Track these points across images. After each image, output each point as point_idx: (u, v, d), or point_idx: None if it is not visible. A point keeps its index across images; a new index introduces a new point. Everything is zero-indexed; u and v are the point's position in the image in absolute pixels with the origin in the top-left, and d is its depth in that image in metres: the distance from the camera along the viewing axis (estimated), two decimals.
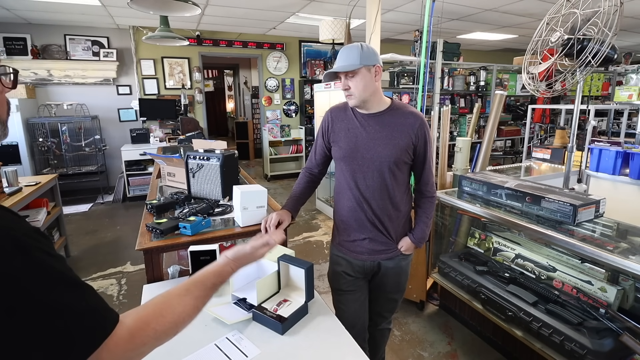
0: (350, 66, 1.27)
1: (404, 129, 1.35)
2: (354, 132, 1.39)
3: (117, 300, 2.71)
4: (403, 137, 1.35)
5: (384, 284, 1.52)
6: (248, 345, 1.00)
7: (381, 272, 1.49)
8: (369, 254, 1.45)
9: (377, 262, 1.46)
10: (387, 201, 1.40)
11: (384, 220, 1.41)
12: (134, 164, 5.11)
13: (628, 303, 1.64)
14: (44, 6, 4.15)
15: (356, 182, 1.39)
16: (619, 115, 5.32)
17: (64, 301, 0.52)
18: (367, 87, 1.30)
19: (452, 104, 5.70)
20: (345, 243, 1.48)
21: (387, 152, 1.34)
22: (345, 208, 1.45)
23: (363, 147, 1.36)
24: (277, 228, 1.40)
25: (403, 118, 1.36)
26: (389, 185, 1.38)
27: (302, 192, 1.54)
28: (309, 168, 1.58)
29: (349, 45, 1.31)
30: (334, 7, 4.40)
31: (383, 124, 1.36)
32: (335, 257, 1.53)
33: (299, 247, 3.64)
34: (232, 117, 11.11)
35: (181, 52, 5.73)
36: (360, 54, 1.27)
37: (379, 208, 1.39)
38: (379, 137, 1.35)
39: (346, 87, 1.31)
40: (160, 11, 2.88)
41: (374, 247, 1.44)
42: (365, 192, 1.39)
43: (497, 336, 2.06)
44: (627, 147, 2.70)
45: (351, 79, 1.29)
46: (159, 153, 2.94)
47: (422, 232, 1.47)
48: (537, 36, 2.13)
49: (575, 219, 1.71)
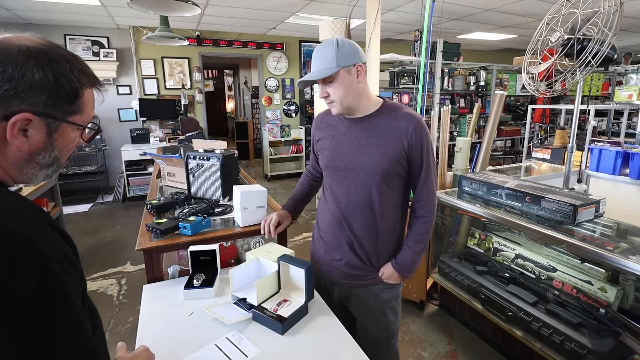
0: (325, 71, 1.08)
1: (395, 135, 1.14)
2: (338, 139, 1.22)
3: (117, 300, 2.71)
4: (393, 145, 1.14)
5: (366, 322, 1.29)
6: (248, 345, 1.00)
7: (358, 303, 1.29)
8: (343, 277, 1.27)
9: (351, 289, 1.28)
10: (372, 221, 1.20)
11: (365, 243, 1.22)
12: (134, 164, 5.11)
13: (628, 303, 1.64)
14: (44, 6, 4.15)
15: (338, 195, 1.23)
16: (619, 115, 5.32)
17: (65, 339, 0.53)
18: (348, 91, 1.11)
19: (452, 104, 5.70)
20: (321, 259, 1.33)
21: (373, 163, 1.15)
22: (324, 222, 1.30)
23: (346, 157, 1.19)
24: (276, 228, 1.39)
25: (394, 121, 1.15)
26: (374, 202, 1.18)
27: (303, 193, 1.50)
28: (309, 171, 1.50)
29: (323, 44, 1.10)
30: (334, 7, 4.40)
31: (370, 130, 1.17)
32: (319, 270, 1.37)
33: (299, 247, 3.64)
34: (232, 117, 11.11)
35: (181, 52, 5.73)
36: (336, 54, 1.07)
37: (361, 228, 1.21)
38: (365, 145, 1.16)
39: (325, 94, 1.13)
40: (160, 11, 2.88)
41: (350, 271, 1.26)
42: (346, 209, 1.21)
43: (497, 336, 2.06)
44: (627, 147, 2.70)
45: (329, 84, 1.11)
46: (159, 153, 2.94)
47: (406, 257, 1.22)
48: (537, 36, 2.13)
49: (575, 219, 1.71)
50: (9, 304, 0.47)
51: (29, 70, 0.54)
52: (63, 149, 0.63)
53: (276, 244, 1.39)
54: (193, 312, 1.15)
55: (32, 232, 0.52)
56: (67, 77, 0.58)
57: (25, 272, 0.49)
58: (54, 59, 0.57)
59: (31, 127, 0.57)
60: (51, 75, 0.56)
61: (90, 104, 0.65)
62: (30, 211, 0.56)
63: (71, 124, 0.62)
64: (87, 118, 0.65)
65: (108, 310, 2.53)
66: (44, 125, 0.58)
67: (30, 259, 0.50)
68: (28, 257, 0.50)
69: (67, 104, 0.60)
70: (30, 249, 0.50)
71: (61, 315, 0.52)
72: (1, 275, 0.47)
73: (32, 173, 0.62)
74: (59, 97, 0.58)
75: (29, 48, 0.56)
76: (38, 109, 0.56)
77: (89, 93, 0.64)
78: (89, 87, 0.64)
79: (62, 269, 0.53)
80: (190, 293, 1.22)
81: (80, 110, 0.62)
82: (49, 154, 0.61)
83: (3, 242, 0.49)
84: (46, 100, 0.56)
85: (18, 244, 0.50)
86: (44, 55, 0.57)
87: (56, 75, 0.57)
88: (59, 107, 0.58)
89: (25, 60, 0.54)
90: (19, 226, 0.51)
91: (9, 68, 0.53)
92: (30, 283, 0.49)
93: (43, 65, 0.56)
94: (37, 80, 0.55)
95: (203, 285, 1.25)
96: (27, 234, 0.51)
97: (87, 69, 0.64)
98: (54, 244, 0.54)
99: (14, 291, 0.48)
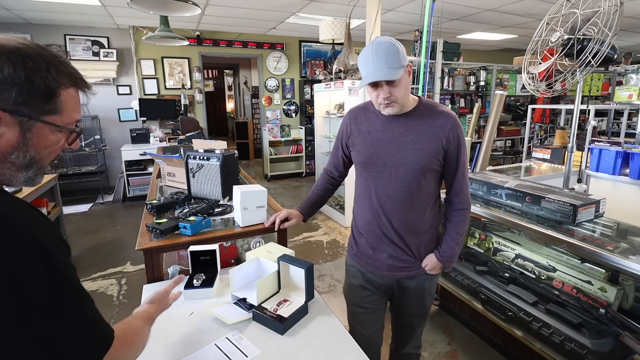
0: (396, 72, 1.08)
1: (433, 132, 1.18)
2: (375, 135, 1.24)
3: (117, 300, 2.71)
4: (432, 141, 1.18)
5: (404, 305, 1.38)
6: (248, 345, 1.00)
7: (400, 291, 1.35)
8: (388, 269, 1.30)
9: (397, 279, 1.32)
10: (411, 214, 1.24)
11: (404, 235, 1.26)
12: (134, 164, 5.11)
13: (628, 303, 1.64)
14: (44, 6, 4.15)
15: (376, 191, 1.25)
16: (619, 115, 5.32)
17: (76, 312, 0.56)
18: (407, 91, 1.15)
19: (452, 104, 5.70)
20: (362, 255, 1.35)
21: (412, 159, 1.18)
22: (362, 219, 1.33)
23: (384, 153, 1.22)
24: (283, 223, 1.42)
25: (432, 119, 1.19)
26: (413, 197, 1.22)
27: (317, 195, 1.48)
28: (328, 170, 1.48)
29: (385, 45, 1.09)
30: (334, 7, 4.40)
31: (408, 126, 1.20)
32: (351, 268, 1.41)
33: (299, 247, 3.64)
34: (232, 117, 11.11)
35: (181, 52, 5.73)
36: (400, 55, 1.09)
37: (400, 222, 1.24)
38: (404, 142, 1.19)
39: (387, 95, 1.13)
40: (160, 11, 2.89)
41: (394, 263, 1.29)
42: (385, 204, 1.24)
43: (497, 336, 2.06)
44: (627, 147, 2.70)
45: (394, 85, 1.11)
46: (159, 153, 2.94)
47: (450, 249, 1.27)
48: (537, 36, 2.13)
49: (575, 219, 1.71)
50: (17, 286, 0.50)
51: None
52: (41, 150, 0.61)
53: (276, 244, 1.39)
54: (193, 312, 1.15)
55: (24, 217, 0.54)
56: (41, 75, 0.57)
57: (24, 255, 0.51)
58: (28, 56, 0.57)
59: (2, 125, 0.56)
60: (22, 72, 0.55)
61: (71, 104, 0.63)
62: (16, 201, 0.57)
63: (47, 123, 0.60)
64: (67, 119, 0.63)
65: (108, 310, 2.53)
66: (15, 123, 0.57)
67: (27, 242, 0.52)
68: (25, 240, 0.52)
69: (41, 102, 0.58)
70: (25, 233, 0.52)
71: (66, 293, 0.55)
72: (7, 261, 0.49)
73: (10, 174, 0.60)
74: (30, 94, 0.57)
75: (3, 46, 0.56)
76: (7, 106, 0.55)
77: (68, 93, 0.62)
78: (70, 87, 0.62)
79: (58, 250, 0.55)
80: (190, 293, 1.22)
81: (57, 110, 0.61)
82: (22, 153, 0.59)
83: (2, 231, 0.50)
84: (16, 97, 0.55)
85: (14, 229, 0.51)
86: (17, 52, 0.56)
87: (28, 72, 0.56)
88: (30, 105, 0.57)
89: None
90: (9, 213, 0.53)
91: None
92: (34, 267, 0.51)
93: (15, 62, 0.55)
94: (6, 76, 0.54)
95: (203, 285, 1.25)
96: (19, 219, 0.53)
97: (69, 69, 0.62)
98: (45, 227, 0.56)
99: (16, 274, 0.50)
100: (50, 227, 0.58)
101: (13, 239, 0.51)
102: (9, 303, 0.49)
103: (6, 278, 0.49)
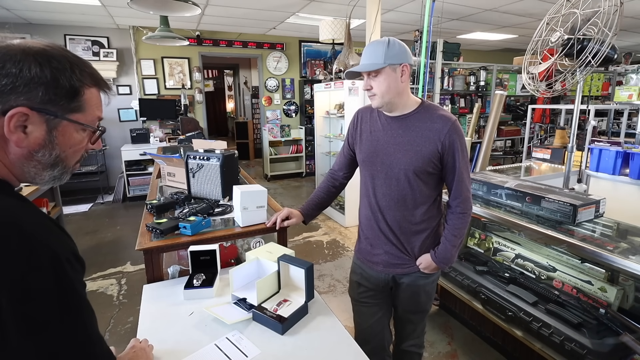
0: (372, 65, 1.17)
1: (429, 135, 1.21)
2: (375, 135, 1.30)
3: (117, 300, 2.71)
4: (427, 144, 1.21)
5: (398, 300, 1.43)
6: (248, 345, 1.00)
7: (396, 287, 1.41)
8: (384, 265, 1.36)
9: (392, 275, 1.37)
10: (405, 213, 1.29)
11: (398, 233, 1.31)
12: (134, 164, 5.11)
13: (628, 303, 1.64)
14: (44, 6, 4.15)
15: (374, 189, 1.32)
16: (619, 115, 5.32)
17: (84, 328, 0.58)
18: (390, 87, 1.19)
19: (452, 104, 5.70)
20: (363, 251, 1.42)
21: (406, 160, 1.23)
22: (363, 216, 1.40)
23: (383, 152, 1.27)
24: (283, 222, 1.45)
25: (430, 122, 1.22)
26: (407, 196, 1.27)
27: (319, 197, 1.51)
28: (333, 171, 1.52)
29: (375, 42, 1.20)
30: (334, 7, 4.40)
31: (407, 128, 1.24)
32: (353, 264, 1.49)
33: (299, 247, 3.64)
34: (232, 117, 11.11)
35: (181, 52, 5.73)
36: (385, 52, 1.16)
37: (394, 220, 1.30)
38: (400, 143, 1.24)
39: (368, 87, 1.21)
40: (160, 11, 2.89)
41: (389, 259, 1.35)
42: (381, 201, 1.30)
43: (497, 336, 2.06)
44: (627, 147, 2.70)
45: (374, 78, 1.20)
46: (159, 153, 2.94)
47: (446, 251, 1.29)
48: (537, 36, 2.13)
49: (575, 219, 1.71)
50: (28, 297, 0.51)
51: (26, 66, 0.55)
52: (67, 148, 0.63)
53: (276, 244, 1.39)
54: (193, 312, 1.15)
55: (44, 231, 0.56)
56: (66, 75, 0.59)
57: (39, 267, 0.52)
58: (53, 57, 0.58)
59: (30, 123, 0.57)
60: (49, 71, 0.57)
61: (94, 103, 0.65)
62: (36, 211, 0.58)
63: (72, 122, 0.62)
64: (90, 118, 0.65)
65: (108, 310, 2.53)
66: (42, 121, 0.59)
67: (43, 254, 0.53)
68: (41, 252, 0.53)
69: (66, 100, 0.60)
70: (43, 248, 0.53)
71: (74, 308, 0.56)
72: (21, 271, 0.50)
73: (35, 172, 0.62)
74: (56, 93, 0.58)
75: (30, 47, 0.57)
76: (34, 104, 0.57)
77: (91, 92, 0.64)
78: (92, 86, 0.64)
79: (71, 266, 0.56)
80: (190, 293, 1.22)
81: (81, 108, 0.62)
82: (49, 152, 0.61)
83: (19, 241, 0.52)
84: (43, 95, 0.57)
85: (34, 243, 0.53)
86: (44, 53, 0.58)
87: (54, 72, 0.58)
88: (57, 103, 0.59)
89: (23, 57, 0.56)
90: (32, 228, 0.54)
91: (8, 64, 0.55)
92: (46, 279, 0.52)
93: (41, 62, 0.57)
94: (34, 75, 0.56)
95: (203, 285, 1.25)
96: (38, 230, 0.55)
97: (91, 69, 0.64)
98: (62, 242, 0.58)
99: (28, 285, 0.51)
100: (67, 241, 0.59)
101: (30, 249, 0.52)
102: (18, 313, 0.50)
103: (19, 288, 0.50)
